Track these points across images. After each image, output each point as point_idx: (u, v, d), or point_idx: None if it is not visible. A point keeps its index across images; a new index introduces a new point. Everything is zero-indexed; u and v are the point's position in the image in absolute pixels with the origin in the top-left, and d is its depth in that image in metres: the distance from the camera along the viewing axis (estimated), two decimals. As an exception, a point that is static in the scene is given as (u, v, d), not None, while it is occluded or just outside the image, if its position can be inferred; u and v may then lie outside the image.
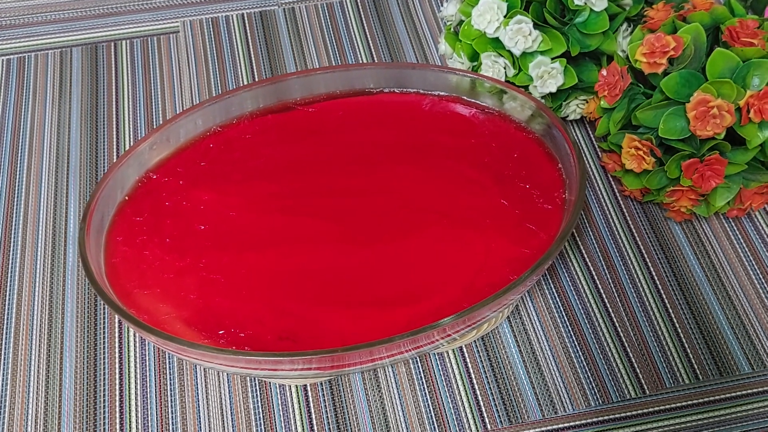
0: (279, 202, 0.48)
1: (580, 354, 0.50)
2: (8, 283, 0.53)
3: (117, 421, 0.48)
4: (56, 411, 0.48)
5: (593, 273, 0.54)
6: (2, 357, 0.50)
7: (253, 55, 0.67)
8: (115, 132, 0.61)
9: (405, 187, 0.48)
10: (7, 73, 0.65)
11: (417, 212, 0.47)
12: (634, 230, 0.56)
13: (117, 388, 0.49)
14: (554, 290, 0.53)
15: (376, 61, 0.66)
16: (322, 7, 0.71)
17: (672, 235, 0.56)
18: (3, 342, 0.51)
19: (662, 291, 0.53)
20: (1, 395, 0.49)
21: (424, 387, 0.49)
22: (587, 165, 0.60)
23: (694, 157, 0.49)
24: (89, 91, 0.64)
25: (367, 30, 0.69)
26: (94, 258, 0.43)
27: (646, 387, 0.49)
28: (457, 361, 0.50)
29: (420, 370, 0.50)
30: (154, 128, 0.52)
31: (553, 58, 0.54)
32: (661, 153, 0.50)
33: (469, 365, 0.50)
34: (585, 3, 0.53)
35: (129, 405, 0.48)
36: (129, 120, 0.62)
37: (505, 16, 0.54)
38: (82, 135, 0.61)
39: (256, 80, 0.63)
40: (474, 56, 0.57)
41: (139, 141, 0.48)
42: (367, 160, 0.50)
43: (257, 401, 0.48)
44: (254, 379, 0.49)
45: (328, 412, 0.48)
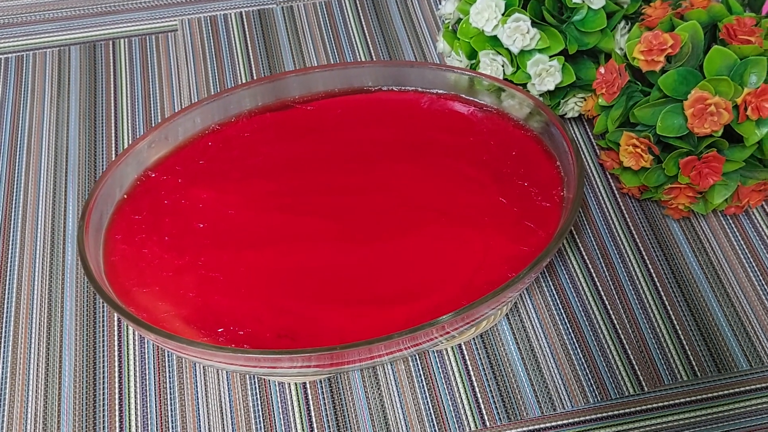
0: (278, 200, 0.48)
1: (579, 351, 0.50)
2: (7, 282, 0.53)
3: (116, 419, 0.48)
4: (56, 409, 0.48)
5: (591, 270, 0.54)
6: (2, 355, 0.50)
7: (251, 53, 0.67)
8: (113, 130, 0.61)
9: (403, 185, 0.48)
10: (5, 71, 0.65)
11: (416, 210, 0.47)
12: (632, 228, 0.56)
13: (116, 386, 0.49)
14: (553, 288, 0.53)
15: (374, 59, 0.66)
16: (321, 5, 0.71)
17: (670, 232, 0.56)
18: (3, 340, 0.51)
19: (660, 288, 0.53)
20: (0, 393, 0.49)
21: (423, 384, 0.49)
22: (585, 163, 0.60)
23: (691, 154, 0.49)
24: (87, 90, 0.64)
25: (365, 28, 0.69)
26: (93, 256, 0.43)
27: (644, 384, 0.49)
28: (456, 358, 0.50)
29: (419, 368, 0.50)
30: (152, 126, 0.52)
31: (551, 56, 0.54)
32: (659, 150, 0.50)
33: (468, 363, 0.50)
34: (583, 1, 0.53)
35: (128, 403, 0.48)
36: (127, 118, 0.62)
37: (503, 14, 0.54)
38: (81, 133, 0.61)
39: (255, 78, 0.63)
40: (472, 54, 0.57)
41: (137, 139, 0.48)
42: (365, 159, 0.50)
43: (256, 399, 0.48)
44: (253, 377, 0.49)
45: (327, 410, 0.48)
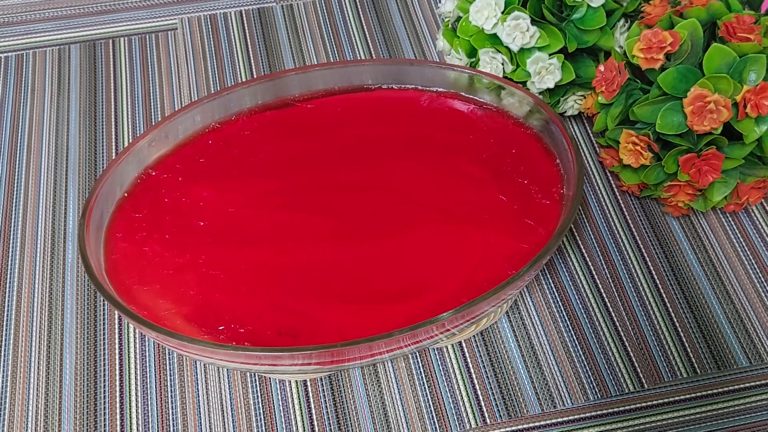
0: (278, 198, 0.48)
1: (579, 348, 0.50)
2: (8, 280, 0.53)
3: (117, 417, 0.48)
4: (56, 407, 0.48)
5: (591, 268, 0.54)
6: (2, 354, 0.50)
7: (251, 51, 0.67)
8: (113, 129, 0.61)
9: (404, 183, 0.49)
10: (5, 70, 0.65)
11: (416, 208, 0.47)
12: (632, 225, 0.56)
13: (117, 384, 0.49)
14: (553, 285, 0.53)
15: (374, 57, 0.66)
16: (320, 3, 0.71)
17: (669, 229, 0.56)
18: (3, 339, 0.51)
19: (660, 285, 0.53)
20: (1, 391, 0.49)
21: (423, 382, 0.49)
22: (585, 160, 0.60)
23: (691, 152, 0.49)
24: (88, 89, 0.64)
25: (365, 26, 0.69)
26: (93, 254, 0.43)
27: (644, 381, 0.49)
28: (456, 356, 0.50)
29: (419, 365, 0.50)
30: (152, 125, 0.52)
31: (550, 54, 0.54)
32: (659, 148, 0.50)
33: (468, 360, 0.50)
34: (582, -1, 0.53)
35: (129, 401, 0.48)
36: (128, 117, 0.62)
37: (502, 12, 0.54)
38: (81, 132, 0.61)
39: (255, 77, 0.63)
40: (472, 52, 0.57)
41: (138, 138, 0.48)
42: (365, 157, 0.50)
43: (257, 397, 0.49)
44: (254, 374, 0.49)
45: (328, 408, 0.48)
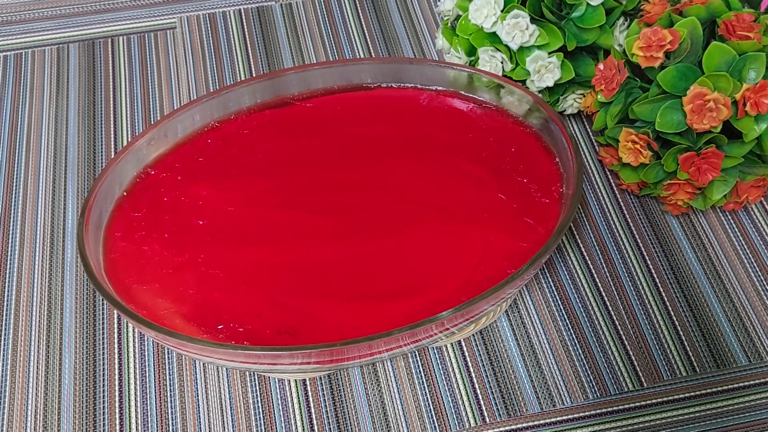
0: (277, 197, 0.48)
1: (578, 347, 0.50)
2: (7, 280, 0.53)
3: (117, 417, 0.48)
4: (56, 406, 0.48)
5: (591, 267, 0.54)
6: (2, 353, 0.50)
7: (250, 50, 0.67)
8: (112, 128, 0.61)
9: (403, 182, 0.48)
10: (4, 69, 0.65)
11: (415, 207, 0.47)
12: (631, 224, 0.56)
13: (116, 383, 0.49)
14: (552, 284, 0.53)
15: (373, 56, 0.66)
16: (319, 2, 0.71)
17: (669, 228, 0.56)
18: (3, 338, 0.51)
19: (659, 284, 0.53)
20: (0, 391, 0.49)
21: (422, 381, 0.49)
22: (584, 159, 0.60)
23: (690, 150, 0.49)
24: (86, 88, 0.64)
25: (364, 25, 0.69)
26: (92, 254, 0.43)
27: (643, 380, 0.49)
28: (455, 355, 0.50)
29: (419, 364, 0.50)
30: (151, 124, 0.52)
31: (550, 53, 0.54)
32: (658, 146, 0.50)
33: (468, 359, 0.50)
34: (582, -3, 0.53)
35: (128, 400, 0.48)
36: (126, 116, 0.62)
37: (502, 11, 0.54)
38: (80, 131, 0.61)
39: (254, 76, 0.63)
40: (471, 51, 0.57)
41: (137, 137, 0.48)
42: (365, 155, 0.50)
43: (257, 396, 0.48)
44: (253, 373, 0.49)
45: (327, 407, 0.48)
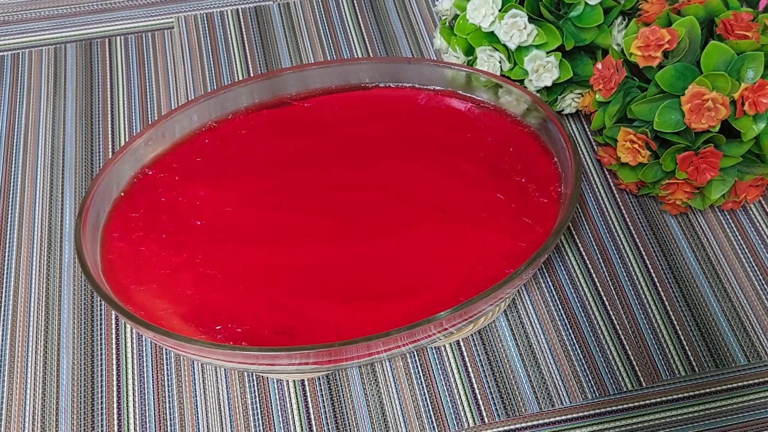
0: (275, 197, 0.48)
1: (577, 347, 0.50)
2: (4, 280, 0.53)
3: (115, 417, 0.48)
4: (54, 407, 0.48)
5: (589, 266, 0.54)
6: (0, 353, 0.50)
7: (248, 50, 0.67)
8: (110, 128, 0.61)
9: (401, 182, 0.48)
10: (0, 70, 0.65)
11: (413, 206, 0.47)
12: (629, 223, 0.56)
13: (114, 384, 0.49)
14: (551, 284, 0.53)
15: (371, 55, 0.66)
16: (317, 1, 0.71)
17: (668, 228, 0.56)
18: (0, 339, 0.51)
19: (658, 284, 0.53)
20: None
21: (421, 381, 0.49)
22: (583, 158, 0.60)
23: (689, 150, 0.49)
24: (84, 88, 0.64)
25: (362, 25, 0.69)
26: (90, 254, 0.43)
27: (642, 379, 0.49)
28: (454, 354, 0.50)
29: (417, 364, 0.50)
30: (149, 124, 0.52)
31: (548, 52, 0.54)
32: (657, 146, 0.50)
33: (466, 359, 0.50)
34: (580, -4, 0.53)
35: (126, 401, 0.48)
36: (124, 116, 0.62)
37: (500, 10, 0.54)
38: (77, 131, 0.61)
39: (251, 75, 0.62)
40: (469, 50, 0.57)
41: (134, 137, 0.48)
42: (362, 155, 0.50)
43: (255, 396, 0.48)
44: (252, 374, 0.49)
45: (325, 407, 0.48)
